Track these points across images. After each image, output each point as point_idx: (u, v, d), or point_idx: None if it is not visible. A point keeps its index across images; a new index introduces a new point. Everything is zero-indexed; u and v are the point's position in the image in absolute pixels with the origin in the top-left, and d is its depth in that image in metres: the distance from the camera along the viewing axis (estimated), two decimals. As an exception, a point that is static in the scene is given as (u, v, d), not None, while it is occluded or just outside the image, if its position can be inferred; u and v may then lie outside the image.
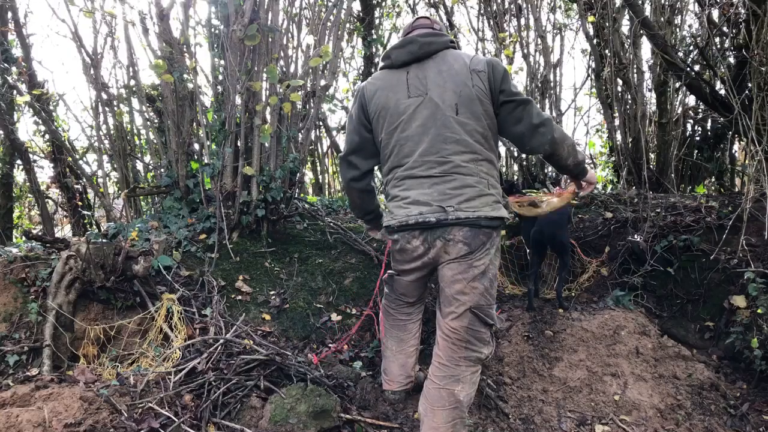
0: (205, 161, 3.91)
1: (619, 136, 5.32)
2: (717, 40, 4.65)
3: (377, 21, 7.30)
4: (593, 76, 5.74)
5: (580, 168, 2.49)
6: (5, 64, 4.74)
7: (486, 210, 2.24)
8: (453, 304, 2.33)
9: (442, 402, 2.33)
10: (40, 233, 4.78)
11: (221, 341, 2.90)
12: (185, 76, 3.84)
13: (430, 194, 2.27)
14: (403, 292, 2.67)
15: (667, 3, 5.05)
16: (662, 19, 4.92)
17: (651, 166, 5.14)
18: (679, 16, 5.30)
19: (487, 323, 2.34)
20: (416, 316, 2.75)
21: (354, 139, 2.52)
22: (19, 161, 5.35)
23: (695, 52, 4.98)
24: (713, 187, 5.51)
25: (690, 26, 5.56)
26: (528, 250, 3.72)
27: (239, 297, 3.41)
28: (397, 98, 2.34)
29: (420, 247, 2.36)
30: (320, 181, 6.99)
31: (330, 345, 3.27)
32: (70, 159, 5.31)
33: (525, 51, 5.79)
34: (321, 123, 6.64)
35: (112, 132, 4.75)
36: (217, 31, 3.72)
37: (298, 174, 4.16)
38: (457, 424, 2.34)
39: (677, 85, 4.98)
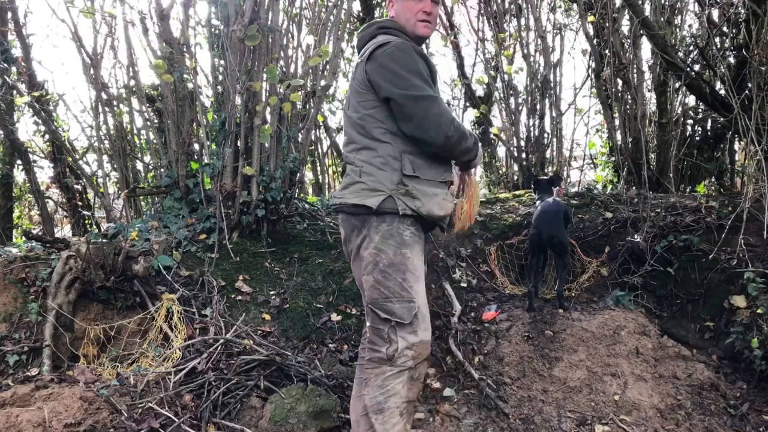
0: (205, 161, 3.91)
1: (619, 136, 5.32)
2: (717, 40, 4.65)
3: (377, 21, 7.29)
4: (593, 76, 5.74)
5: None
6: (5, 64, 4.74)
7: (350, 197, 2.14)
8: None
9: (356, 411, 2.17)
10: (40, 233, 4.78)
11: (221, 341, 2.90)
12: (185, 76, 3.84)
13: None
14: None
15: (667, 3, 5.05)
16: (662, 19, 4.91)
17: (651, 166, 5.13)
18: (679, 16, 5.29)
19: (383, 318, 2.12)
20: None
21: None
22: (19, 161, 5.34)
23: (695, 52, 4.98)
24: (713, 187, 5.51)
25: (690, 26, 5.56)
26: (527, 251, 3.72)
27: (239, 297, 3.41)
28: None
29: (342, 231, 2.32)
30: (320, 181, 6.99)
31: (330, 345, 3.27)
32: (70, 159, 5.30)
33: (525, 51, 5.80)
34: (321, 123, 6.64)
35: (112, 132, 4.75)
36: (217, 31, 3.72)
37: (298, 174, 4.16)
38: None
39: (677, 85, 4.98)
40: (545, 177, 3.91)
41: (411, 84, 2.07)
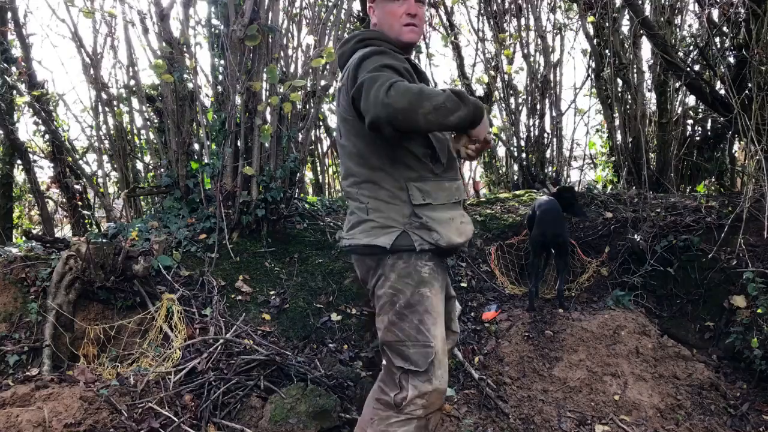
0: (205, 161, 3.91)
1: (619, 136, 5.33)
2: (717, 40, 4.65)
3: (377, 21, 7.28)
4: (593, 76, 5.74)
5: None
6: (5, 64, 4.74)
7: (360, 237, 1.95)
8: None
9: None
10: (40, 233, 4.78)
11: (221, 341, 2.90)
12: (185, 76, 3.84)
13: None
14: None
15: (667, 3, 5.05)
16: (662, 19, 4.92)
17: (651, 166, 5.14)
18: (679, 16, 5.30)
19: (396, 365, 1.92)
20: None
21: None
22: (19, 161, 5.34)
23: (695, 52, 4.98)
24: (713, 187, 5.51)
25: (690, 26, 5.57)
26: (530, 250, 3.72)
27: (239, 297, 3.41)
28: None
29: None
30: (320, 181, 6.98)
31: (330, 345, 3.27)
32: (70, 159, 5.30)
33: (525, 51, 5.80)
34: (321, 123, 6.64)
35: (112, 132, 4.75)
36: (217, 31, 3.72)
37: (298, 174, 4.16)
38: None
39: (677, 85, 4.98)
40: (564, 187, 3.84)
41: (371, 75, 1.74)
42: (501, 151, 6.53)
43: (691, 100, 5.33)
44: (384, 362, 2.00)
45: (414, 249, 1.89)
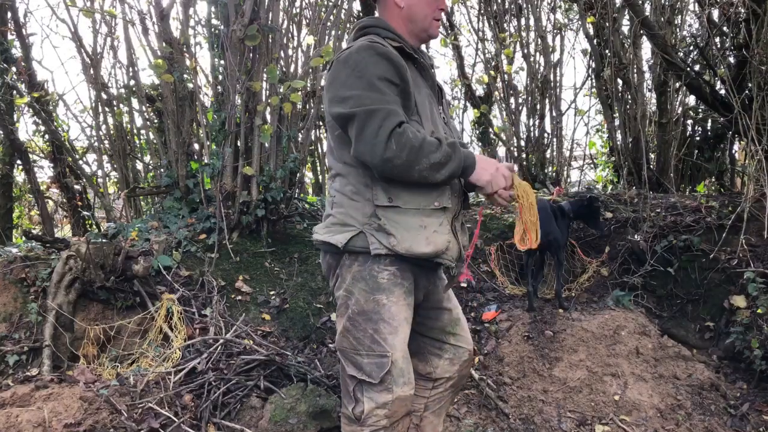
0: (205, 161, 3.91)
1: (619, 136, 5.33)
2: (717, 40, 4.65)
3: (377, 21, 7.27)
4: (593, 76, 5.74)
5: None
6: (5, 64, 4.74)
7: (321, 232, 1.88)
8: None
9: None
10: (40, 233, 4.78)
11: (221, 341, 2.90)
12: (185, 76, 3.85)
13: None
14: None
15: (667, 3, 5.05)
16: (662, 19, 4.91)
17: (651, 166, 5.14)
18: (679, 16, 5.30)
19: (349, 374, 1.82)
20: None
21: None
22: (19, 161, 5.34)
23: (695, 52, 4.99)
24: (713, 187, 5.51)
25: (690, 26, 5.57)
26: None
27: (239, 297, 3.41)
28: None
29: None
30: (320, 181, 6.99)
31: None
32: (70, 159, 5.30)
33: (525, 51, 5.80)
34: (321, 123, 6.64)
35: (112, 132, 4.75)
36: (217, 31, 3.72)
37: (298, 174, 4.16)
38: None
39: (677, 85, 4.98)
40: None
41: (354, 96, 1.68)
42: (501, 151, 6.53)
43: (691, 100, 5.34)
44: (340, 370, 1.91)
45: (369, 252, 1.76)
